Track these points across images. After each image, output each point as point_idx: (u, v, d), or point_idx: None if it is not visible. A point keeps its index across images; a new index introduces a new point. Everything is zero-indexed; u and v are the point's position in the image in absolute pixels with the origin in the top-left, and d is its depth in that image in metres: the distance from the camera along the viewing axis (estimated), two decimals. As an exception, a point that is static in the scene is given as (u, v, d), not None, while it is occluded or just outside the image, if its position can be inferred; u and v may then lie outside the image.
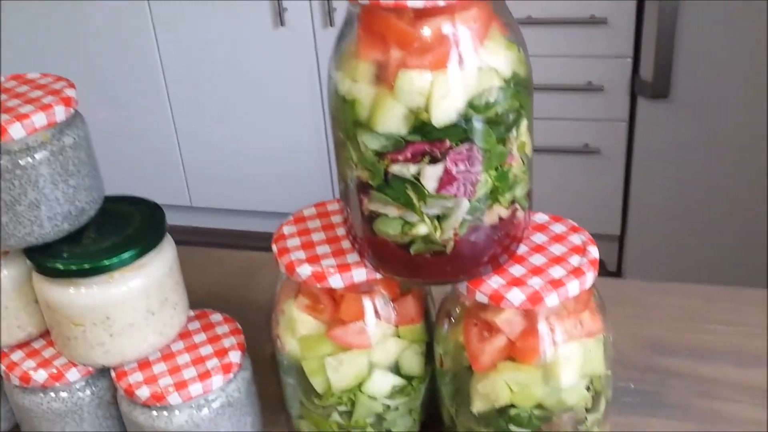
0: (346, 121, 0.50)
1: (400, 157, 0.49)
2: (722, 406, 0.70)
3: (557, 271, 0.54)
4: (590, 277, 0.54)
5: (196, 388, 0.62)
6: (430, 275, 0.54)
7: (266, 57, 2.07)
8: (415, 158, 0.49)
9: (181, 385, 0.62)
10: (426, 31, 0.46)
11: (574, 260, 0.55)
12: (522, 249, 0.57)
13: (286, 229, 0.62)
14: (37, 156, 0.58)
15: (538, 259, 0.56)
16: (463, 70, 0.47)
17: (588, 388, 0.57)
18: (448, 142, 0.48)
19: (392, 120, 0.48)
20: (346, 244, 0.60)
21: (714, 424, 0.68)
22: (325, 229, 0.62)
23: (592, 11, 1.81)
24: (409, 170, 0.49)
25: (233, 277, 0.90)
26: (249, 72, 2.10)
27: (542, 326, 0.55)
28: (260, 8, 2.02)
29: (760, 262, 1.82)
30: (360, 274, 0.57)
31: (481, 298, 0.54)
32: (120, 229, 0.63)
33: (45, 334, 0.68)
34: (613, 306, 0.61)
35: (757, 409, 0.69)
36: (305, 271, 0.57)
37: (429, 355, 0.63)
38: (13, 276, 0.64)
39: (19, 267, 0.64)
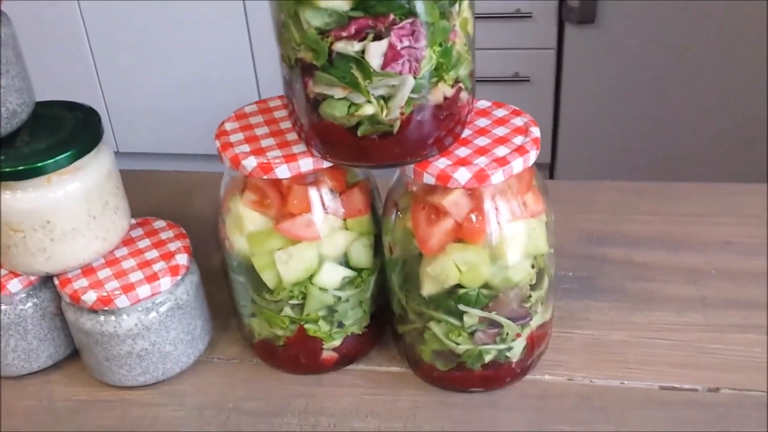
0: (286, -3, 0.49)
1: (344, 34, 0.49)
2: (655, 287, 0.73)
3: (501, 150, 0.55)
4: (533, 155, 0.56)
5: (144, 290, 0.61)
6: (377, 158, 0.54)
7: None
8: (360, 35, 0.49)
9: (128, 288, 0.61)
10: None
11: (518, 140, 0.56)
12: (466, 132, 0.57)
13: (228, 125, 0.61)
14: (-38, 53, 0.55)
15: (482, 141, 0.57)
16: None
17: (532, 266, 0.59)
18: (392, 17, 0.48)
19: (334, -7, 0.47)
20: (291, 136, 0.59)
21: (648, 303, 0.71)
22: (268, 123, 0.61)
23: (520, -61, 1.81)
24: (353, 47, 0.49)
25: (175, 195, 0.89)
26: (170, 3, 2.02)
27: (488, 206, 0.56)
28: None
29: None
30: (307, 163, 0.57)
31: (428, 179, 0.55)
32: (54, 132, 0.61)
33: (-20, 248, 0.66)
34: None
35: (686, 287, 0.73)
36: (251, 163, 0.57)
37: (377, 247, 0.63)
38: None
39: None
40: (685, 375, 0.64)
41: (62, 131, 0.61)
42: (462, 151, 0.56)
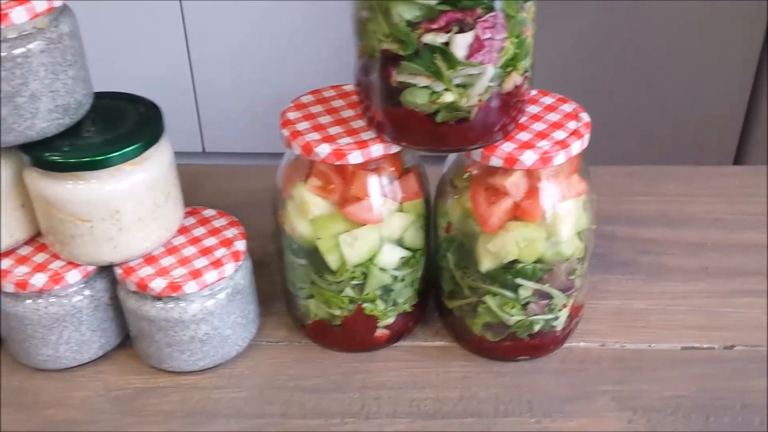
0: (378, -7, 0.52)
1: (434, 26, 0.52)
2: (663, 260, 0.80)
3: (559, 134, 0.60)
4: (587, 138, 0.61)
5: (210, 276, 0.63)
6: (452, 143, 0.58)
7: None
8: (447, 27, 0.52)
9: (196, 274, 0.63)
10: None
11: (571, 124, 0.61)
12: (522, 119, 0.62)
13: (291, 115, 0.63)
14: (38, 43, 0.55)
15: (538, 126, 0.61)
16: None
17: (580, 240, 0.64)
18: (479, 11, 0.52)
19: (427, -11, 0.51)
20: (355, 124, 0.62)
21: (659, 275, 0.78)
22: (329, 112, 0.64)
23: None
24: (440, 39, 0.53)
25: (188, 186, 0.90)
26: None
27: (544, 186, 0.61)
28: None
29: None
30: (378, 149, 0.60)
31: (495, 162, 0.59)
32: (118, 124, 0.61)
33: (30, 240, 0.66)
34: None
35: (690, 258, 0.80)
36: (324, 150, 0.59)
37: (426, 229, 0.67)
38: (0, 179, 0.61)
39: (5, 170, 0.61)
40: (702, 336, 0.71)
41: (126, 123, 0.61)
42: (523, 136, 0.60)
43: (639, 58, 1.85)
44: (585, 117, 0.62)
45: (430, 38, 0.52)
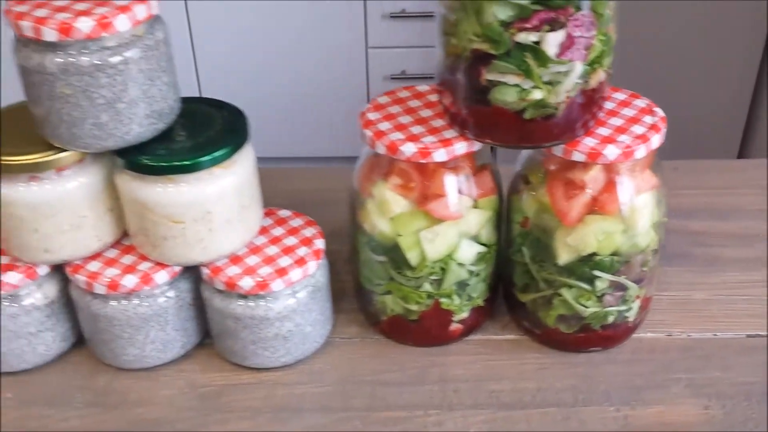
0: (471, -5, 0.54)
1: (528, 25, 0.54)
2: (717, 251, 0.82)
3: (638, 129, 0.62)
4: (663, 132, 0.63)
5: (296, 274, 0.65)
6: (537, 139, 0.59)
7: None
8: (540, 26, 0.54)
9: (282, 272, 0.64)
10: None
11: (648, 119, 0.63)
12: (600, 115, 0.64)
13: (371, 116, 0.65)
14: (136, 50, 0.57)
15: (616, 121, 0.63)
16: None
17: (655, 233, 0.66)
18: (570, 9, 0.54)
19: (521, -10, 0.53)
20: (435, 123, 0.64)
21: (715, 265, 0.80)
22: (408, 113, 0.65)
23: None
24: (532, 38, 0.54)
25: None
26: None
27: (621, 180, 0.63)
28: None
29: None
30: (461, 146, 0.61)
31: (578, 156, 0.61)
32: (207, 128, 0.63)
33: (116, 243, 0.67)
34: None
35: (744, 249, 0.82)
36: (409, 149, 0.61)
37: (498, 225, 0.69)
38: (91, 184, 0.63)
39: (95, 175, 0.63)
40: (765, 324, 0.73)
41: (213, 128, 0.63)
42: (603, 131, 0.62)
43: (644, 57, 1.89)
44: (660, 112, 0.64)
45: (522, 37, 0.54)
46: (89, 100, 0.56)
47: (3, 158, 0.59)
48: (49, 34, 0.53)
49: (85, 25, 0.53)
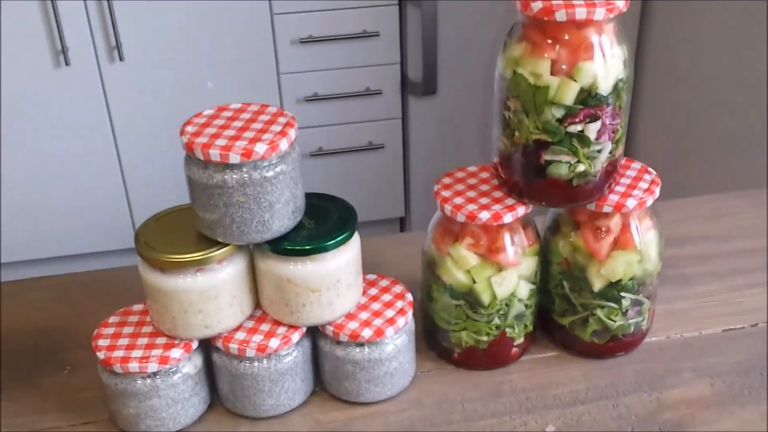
0: (533, 101, 0.75)
1: (577, 120, 0.75)
2: (683, 270, 1.06)
3: (644, 184, 0.84)
4: (659, 187, 0.85)
5: (401, 321, 0.82)
6: (580, 199, 0.80)
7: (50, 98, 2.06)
8: (584, 120, 0.75)
9: (391, 321, 0.82)
10: (589, 35, 0.73)
11: (647, 177, 0.86)
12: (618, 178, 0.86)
13: (445, 193, 0.84)
14: (288, 162, 0.74)
15: (625, 181, 0.85)
16: (612, 58, 0.74)
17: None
18: (604, 106, 0.75)
19: (570, 95, 0.74)
20: (496, 194, 0.84)
21: (684, 281, 1.04)
22: (471, 188, 0.85)
23: (365, 26, 2.12)
24: (578, 128, 0.76)
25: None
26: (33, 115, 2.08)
27: (633, 224, 0.85)
28: (40, 48, 1.99)
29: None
30: (521, 210, 0.82)
31: (606, 209, 0.82)
32: (326, 218, 0.80)
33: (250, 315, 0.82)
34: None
35: (702, 267, 1.06)
36: (485, 215, 0.81)
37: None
38: (238, 271, 0.78)
39: (239, 263, 0.78)
40: (735, 320, 0.97)
41: (331, 217, 0.80)
42: (619, 189, 0.84)
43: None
44: (652, 171, 0.87)
45: (571, 128, 0.75)
46: (257, 204, 0.72)
47: (176, 257, 0.74)
48: (234, 158, 0.69)
49: (261, 149, 0.70)
